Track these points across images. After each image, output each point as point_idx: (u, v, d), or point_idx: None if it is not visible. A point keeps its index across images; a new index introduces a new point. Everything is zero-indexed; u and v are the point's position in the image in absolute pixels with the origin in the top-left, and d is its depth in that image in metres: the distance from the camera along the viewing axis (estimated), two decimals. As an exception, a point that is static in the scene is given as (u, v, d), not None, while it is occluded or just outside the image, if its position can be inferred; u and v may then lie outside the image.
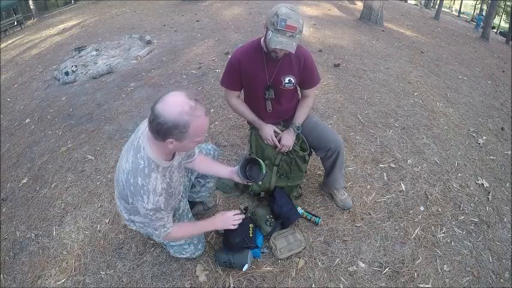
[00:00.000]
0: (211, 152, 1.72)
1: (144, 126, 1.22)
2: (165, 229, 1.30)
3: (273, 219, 1.78)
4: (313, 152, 1.91)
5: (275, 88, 1.70)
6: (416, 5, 19.65)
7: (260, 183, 1.87)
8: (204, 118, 1.08)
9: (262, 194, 1.95)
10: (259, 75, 1.66)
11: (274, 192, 1.85)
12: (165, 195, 1.21)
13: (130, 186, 1.18)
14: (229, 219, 1.50)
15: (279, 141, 1.76)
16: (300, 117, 1.79)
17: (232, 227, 1.50)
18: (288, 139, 1.75)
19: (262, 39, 1.61)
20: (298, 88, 1.84)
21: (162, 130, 1.03)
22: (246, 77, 1.70)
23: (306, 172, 2.03)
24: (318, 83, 1.79)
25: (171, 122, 1.01)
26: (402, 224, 1.93)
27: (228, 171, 1.56)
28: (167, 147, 1.10)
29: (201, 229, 1.54)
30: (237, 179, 1.53)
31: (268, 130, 1.77)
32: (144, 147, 1.17)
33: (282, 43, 1.43)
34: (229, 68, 1.71)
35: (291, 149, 1.77)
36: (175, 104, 1.02)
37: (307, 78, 1.74)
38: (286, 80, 1.67)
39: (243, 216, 1.54)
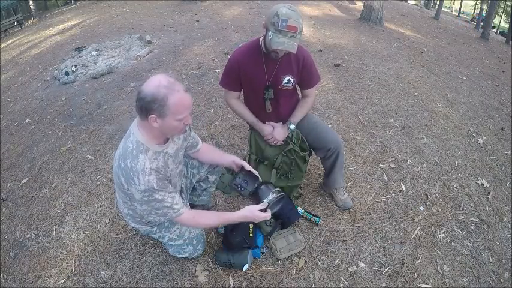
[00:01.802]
0: None
1: (137, 117, 1.25)
2: (174, 210, 1.26)
3: (273, 219, 1.78)
4: (313, 152, 1.91)
5: (274, 88, 1.70)
6: (416, 5, 19.63)
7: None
8: (183, 93, 1.11)
9: None
10: (258, 75, 1.66)
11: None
12: (155, 175, 1.18)
13: (122, 171, 1.18)
14: (257, 213, 1.37)
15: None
16: (296, 116, 1.79)
17: (265, 219, 1.39)
18: (280, 133, 1.77)
19: (261, 40, 1.61)
20: (297, 88, 1.84)
21: (143, 106, 1.09)
22: (245, 78, 1.70)
23: (306, 172, 2.03)
24: (317, 82, 1.79)
25: (150, 95, 1.07)
26: (402, 224, 1.93)
27: (231, 160, 1.56)
28: (152, 126, 1.13)
29: (225, 220, 1.43)
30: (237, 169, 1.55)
31: (268, 128, 1.78)
32: (133, 133, 1.21)
33: (283, 44, 1.43)
34: (228, 68, 1.72)
35: (279, 144, 1.80)
36: (154, 80, 1.10)
37: (307, 77, 1.74)
38: (285, 80, 1.67)
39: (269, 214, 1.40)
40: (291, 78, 1.67)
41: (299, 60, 1.65)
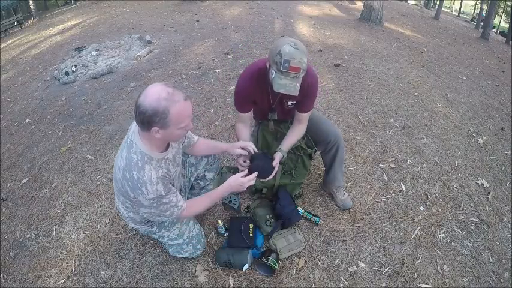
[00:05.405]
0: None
1: (134, 125, 1.25)
2: (178, 208, 1.31)
3: (272, 219, 1.78)
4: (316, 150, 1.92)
5: (278, 110, 1.73)
6: (416, 5, 19.64)
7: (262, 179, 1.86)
8: (183, 103, 1.11)
9: (265, 190, 1.94)
10: (263, 100, 1.67)
11: (278, 192, 1.85)
12: (162, 182, 1.22)
13: (128, 182, 1.20)
14: (242, 179, 1.42)
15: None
16: (286, 145, 1.72)
17: (249, 183, 1.44)
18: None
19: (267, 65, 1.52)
20: None
21: (145, 119, 1.09)
22: (252, 101, 1.71)
23: (309, 171, 2.04)
24: (310, 109, 1.72)
25: (150, 109, 1.06)
26: (402, 224, 1.93)
27: (227, 146, 1.59)
28: (155, 137, 1.13)
29: (216, 197, 1.46)
30: (238, 151, 1.56)
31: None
32: (136, 143, 1.21)
33: (285, 87, 1.39)
34: (238, 97, 1.70)
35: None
36: (153, 93, 1.08)
37: (306, 102, 1.68)
38: (289, 103, 1.67)
39: (254, 176, 1.45)
40: (294, 102, 1.67)
41: (303, 87, 1.54)
